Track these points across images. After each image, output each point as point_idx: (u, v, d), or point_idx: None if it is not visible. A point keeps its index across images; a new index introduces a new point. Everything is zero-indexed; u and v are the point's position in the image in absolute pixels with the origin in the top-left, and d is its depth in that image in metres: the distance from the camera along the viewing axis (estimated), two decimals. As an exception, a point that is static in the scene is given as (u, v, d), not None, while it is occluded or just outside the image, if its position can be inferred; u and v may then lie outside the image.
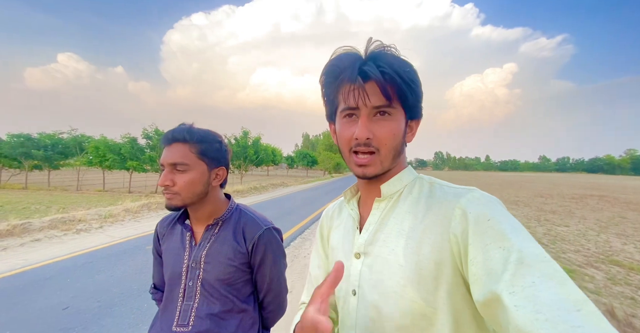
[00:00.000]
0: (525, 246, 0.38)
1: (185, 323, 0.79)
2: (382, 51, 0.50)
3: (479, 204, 0.45)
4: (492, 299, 0.37)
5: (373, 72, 0.48)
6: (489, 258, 0.39)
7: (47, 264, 3.80)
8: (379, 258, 0.52)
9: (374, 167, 0.51)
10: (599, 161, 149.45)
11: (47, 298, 2.84)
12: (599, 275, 3.86)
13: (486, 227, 0.42)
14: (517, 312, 0.33)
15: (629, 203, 12.57)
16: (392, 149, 0.52)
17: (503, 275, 0.37)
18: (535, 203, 11.58)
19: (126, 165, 15.93)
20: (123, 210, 7.43)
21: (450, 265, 0.45)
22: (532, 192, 17.08)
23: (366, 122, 0.50)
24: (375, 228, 0.54)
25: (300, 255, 4.49)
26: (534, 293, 0.34)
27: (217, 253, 0.82)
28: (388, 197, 0.55)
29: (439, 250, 0.46)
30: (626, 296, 3.22)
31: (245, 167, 20.82)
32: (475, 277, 0.41)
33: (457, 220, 0.45)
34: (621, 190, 21.52)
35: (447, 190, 0.51)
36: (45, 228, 5.50)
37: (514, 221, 0.43)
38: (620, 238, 5.97)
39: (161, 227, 0.92)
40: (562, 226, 7.08)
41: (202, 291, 0.81)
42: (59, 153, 17.82)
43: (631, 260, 4.56)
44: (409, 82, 0.49)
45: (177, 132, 0.78)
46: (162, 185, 0.76)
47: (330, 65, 0.53)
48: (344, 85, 0.51)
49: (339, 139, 0.55)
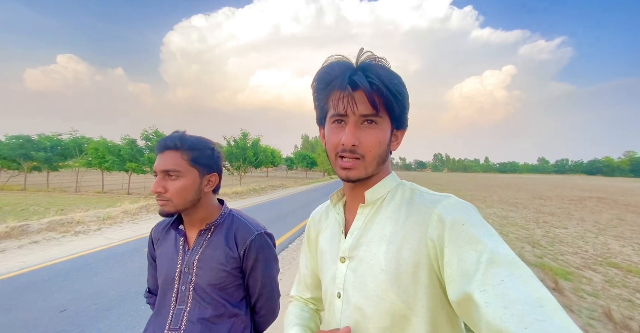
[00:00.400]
0: (496, 248, 0.41)
1: (177, 327, 0.79)
2: (372, 62, 0.52)
3: (454, 210, 0.48)
4: (465, 298, 0.40)
5: (362, 82, 0.50)
6: (463, 260, 0.42)
7: (44, 266, 3.80)
8: (363, 262, 0.54)
9: (357, 171, 0.53)
10: (597, 163, 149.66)
11: (45, 301, 2.83)
12: (597, 277, 3.86)
13: (460, 231, 0.45)
14: (487, 308, 0.36)
15: (628, 205, 12.60)
16: (377, 156, 0.54)
17: (475, 275, 0.40)
18: (534, 205, 11.59)
19: (125, 166, 15.92)
20: (121, 212, 7.41)
21: (427, 268, 0.48)
22: (530, 194, 17.10)
23: (353, 129, 0.52)
24: (359, 233, 0.57)
25: (298, 257, 4.49)
26: (502, 291, 0.37)
27: (209, 258, 0.82)
28: (372, 203, 0.58)
29: (417, 254, 0.48)
30: (624, 298, 3.23)
31: (244, 168, 20.81)
32: (450, 278, 0.43)
33: (434, 226, 0.48)
34: (620, 192, 21.56)
35: (426, 197, 0.54)
36: (43, 230, 5.49)
37: (487, 226, 0.46)
38: (618, 241, 5.98)
39: (156, 231, 0.94)
40: (561, 228, 7.09)
41: (194, 295, 0.81)
42: (59, 154, 17.81)
43: (629, 262, 4.57)
44: (395, 94, 0.51)
45: (169, 140, 0.80)
46: (154, 192, 0.77)
47: (322, 72, 0.55)
48: (334, 92, 0.53)
49: (327, 144, 0.57)
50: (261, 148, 23.03)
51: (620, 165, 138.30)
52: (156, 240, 0.92)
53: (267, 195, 14.11)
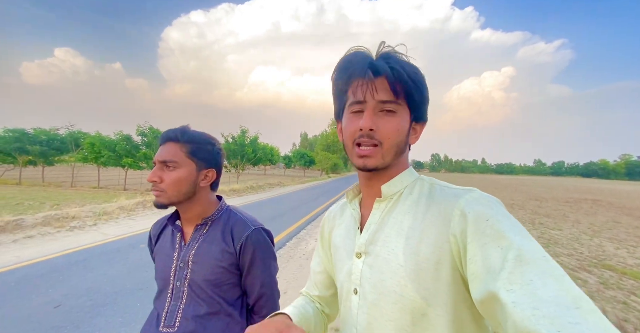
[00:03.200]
0: (524, 244, 0.39)
1: (171, 324, 0.78)
2: (393, 52, 0.53)
3: (478, 204, 0.46)
4: (491, 297, 0.37)
5: (382, 68, 0.50)
6: (488, 257, 0.40)
7: (39, 261, 3.76)
8: (380, 257, 0.52)
9: (374, 159, 0.52)
10: (593, 165, 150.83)
11: (39, 296, 2.80)
12: (592, 279, 3.89)
13: (485, 226, 0.42)
14: (514, 308, 0.33)
15: (623, 207, 12.72)
16: (395, 144, 0.52)
17: (501, 273, 0.37)
18: (530, 207, 11.67)
19: (121, 162, 15.80)
20: (118, 208, 7.36)
21: (450, 264, 0.46)
22: (527, 195, 17.22)
23: (372, 114, 0.51)
24: (375, 228, 0.55)
25: (295, 255, 4.48)
26: (532, 291, 0.34)
27: (205, 253, 0.82)
28: (388, 198, 0.56)
29: (438, 249, 0.46)
30: (618, 300, 3.25)
31: (242, 166, 20.74)
32: (473, 275, 0.41)
33: (457, 221, 0.46)
34: (615, 194, 21.77)
35: (447, 191, 0.51)
36: (38, 225, 5.44)
37: (513, 220, 0.43)
38: (613, 243, 6.03)
39: (154, 228, 0.93)
40: (556, 229, 7.14)
41: (189, 292, 0.81)
42: (55, 149, 17.64)
43: (624, 264, 4.61)
44: (416, 82, 0.51)
45: (171, 132, 0.81)
46: (150, 181, 0.78)
47: (342, 61, 0.54)
48: (354, 80, 0.53)
49: (344, 132, 0.56)
50: (260, 146, 22.96)
51: (615, 168, 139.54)
52: (155, 236, 0.91)
53: (265, 193, 14.08)
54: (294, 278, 3.51)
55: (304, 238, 5.60)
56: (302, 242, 5.32)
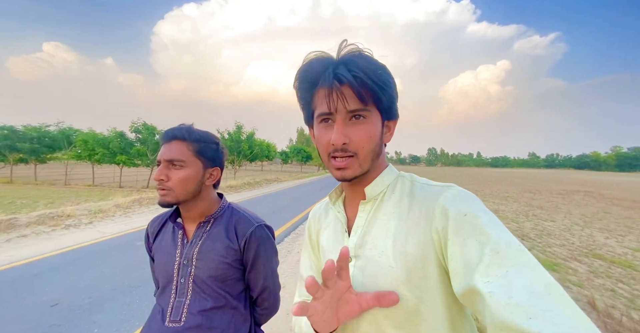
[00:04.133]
0: (500, 237, 0.40)
1: (177, 319, 0.80)
2: (354, 55, 0.50)
3: (457, 200, 0.47)
4: (470, 290, 0.39)
5: (345, 76, 0.47)
6: (467, 252, 0.41)
7: (35, 260, 3.73)
8: (370, 260, 0.52)
9: (352, 169, 0.52)
10: (585, 158, 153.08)
11: (36, 295, 2.80)
12: (582, 268, 4.00)
13: (463, 222, 0.44)
14: (491, 298, 0.35)
15: (613, 198, 12.99)
16: (370, 151, 0.52)
17: (479, 266, 0.39)
18: (524, 199, 11.85)
19: (115, 159, 15.62)
20: (114, 206, 7.31)
21: (435, 261, 0.47)
22: (521, 188, 17.47)
23: (342, 127, 0.50)
24: (363, 231, 0.55)
25: (293, 250, 4.52)
26: (507, 281, 0.35)
27: (209, 250, 0.83)
28: (372, 199, 0.56)
29: (423, 248, 0.48)
30: (607, 288, 3.35)
31: (238, 162, 20.64)
32: (455, 270, 0.43)
33: (438, 218, 0.47)
34: (606, 186, 22.19)
35: (427, 189, 0.52)
36: (32, 224, 5.38)
37: (490, 215, 0.45)
38: (603, 233, 6.18)
39: (152, 226, 0.93)
40: (549, 221, 7.28)
41: (194, 288, 0.82)
42: (46, 146, 17.33)
43: (613, 253, 4.73)
44: (381, 85, 0.49)
45: (177, 130, 0.81)
46: (157, 180, 0.77)
47: (302, 70, 0.52)
48: (318, 91, 0.51)
49: (318, 145, 0.55)
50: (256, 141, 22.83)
51: (607, 160, 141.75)
52: (152, 234, 0.91)
53: (262, 189, 14.07)
54: (293, 273, 3.55)
55: (302, 233, 5.63)
56: (300, 237, 5.36)
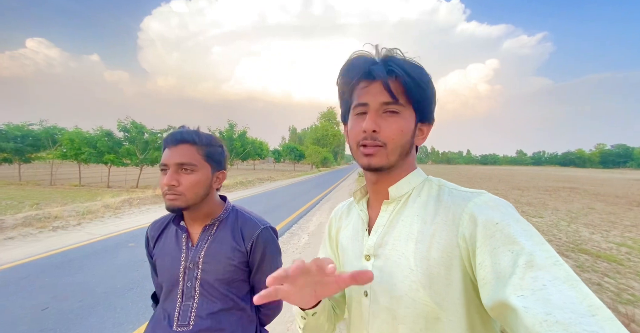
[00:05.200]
0: (535, 249, 0.38)
1: (185, 323, 0.80)
2: (394, 54, 0.54)
3: (487, 208, 0.45)
4: (501, 303, 0.37)
5: (382, 70, 0.51)
6: (497, 262, 0.39)
7: (22, 263, 3.62)
8: (390, 261, 0.52)
9: (379, 157, 0.52)
10: (571, 155, 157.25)
11: (24, 299, 2.72)
12: (569, 262, 4.13)
13: (494, 230, 0.42)
14: (526, 313, 0.33)
15: (597, 194, 13.44)
16: (400, 145, 0.52)
17: (511, 279, 0.37)
18: (513, 196, 12.14)
19: (103, 159, 15.22)
20: (102, 207, 7.13)
21: (460, 269, 0.46)
22: (509, 185, 17.88)
23: (374, 116, 0.52)
24: (384, 231, 0.55)
25: (288, 250, 4.51)
26: (544, 296, 0.33)
27: (217, 253, 0.83)
28: (396, 200, 0.56)
29: (448, 254, 0.46)
30: (593, 282, 3.47)
31: (231, 161, 20.45)
32: (484, 281, 0.41)
33: (465, 225, 0.45)
34: (590, 182, 22.92)
35: (456, 194, 0.51)
36: (19, 226, 5.21)
37: (525, 224, 0.42)
38: (588, 228, 6.39)
39: (152, 230, 0.91)
40: (537, 217, 7.48)
41: (201, 291, 0.82)
42: (30, 145, 16.76)
43: (598, 248, 4.90)
44: (418, 82, 0.51)
45: (186, 134, 0.80)
46: (168, 185, 0.76)
47: (345, 65, 0.56)
48: (357, 84, 0.54)
49: (349, 134, 0.57)
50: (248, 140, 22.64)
51: (591, 157, 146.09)
52: (153, 238, 0.90)
53: (255, 189, 13.98)
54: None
55: (296, 233, 5.63)
56: (294, 236, 5.36)
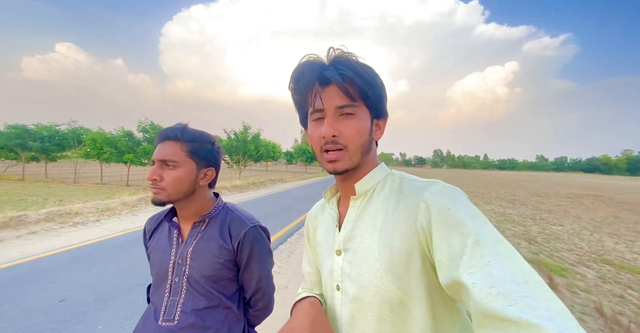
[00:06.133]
0: (480, 229, 0.42)
1: (171, 318, 0.80)
2: (342, 57, 0.54)
3: (440, 196, 0.49)
4: (455, 282, 0.41)
5: (333, 74, 0.52)
6: (450, 245, 0.43)
7: (43, 257, 3.81)
8: (357, 253, 0.55)
9: (343, 162, 0.54)
10: (595, 161, 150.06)
11: (43, 291, 2.85)
12: (590, 273, 3.92)
13: (447, 216, 0.45)
14: (474, 288, 0.37)
15: (623, 203, 12.71)
16: (360, 145, 0.55)
17: (462, 259, 0.41)
18: (532, 203, 11.67)
19: (123, 158, 15.86)
20: (120, 204, 7.42)
21: (419, 254, 0.49)
22: (528, 191, 17.19)
23: (331, 121, 0.54)
24: (352, 225, 0.58)
25: (296, 251, 4.52)
26: (489, 271, 0.37)
27: (203, 249, 0.83)
28: (362, 195, 0.58)
29: (408, 241, 0.49)
30: (615, 294, 3.28)
31: (244, 162, 20.77)
32: (440, 263, 0.44)
33: (422, 213, 0.49)
34: (616, 190, 21.71)
35: (414, 185, 0.54)
36: (41, 221, 5.50)
37: (472, 208, 0.47)
38: (612, 238, 6.05)
39: (149, 223, 0.94)
40: (557, 225, 7.15)
41: (187, 287, 0.82)
42: (56, 145, 17.72)
43: (622, 259, 4.63)
44: (368, 82, 0.53)
45: (170, 131, 0.81)
46: (149, 179, 0.79)
47: (296, 72, 0.56)
48: (309, 90, 0.55)
49: (311, 141, 0.59)
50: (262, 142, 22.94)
51: (617, 164, 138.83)
52: (149, 232, 0.92)
53: (267, 189, 14.13)
54: (295, 274, 3.55)
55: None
56: (303, 237, 5.36)
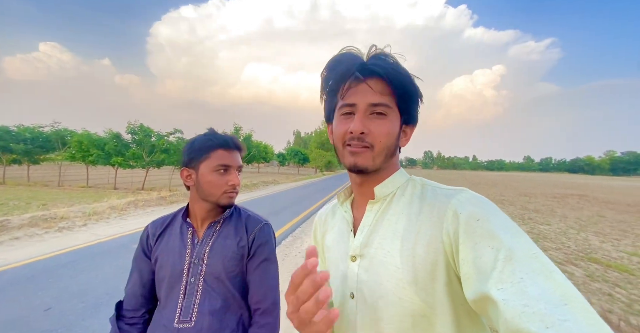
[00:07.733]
0: (514, 243, 0.39)
1: (187, 319, 0.80)
2: (384, 55, 0.52)
3: (469, 204, 0.46)
4: (483, 297, 0.38)
5: (374, 69, 0.50)
6: (479, 257, 0.40)
7: (27, 263, 3.66)
8: (375, 260, 0.51)
9: (365, 158, 0.52)
10: (579, 161, 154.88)
11: (28, 299, 2.74)
12: (578, 272, 4.02)
13: (475, 226, 0.43)
14: (505, 306, 0.34)
15: (607, 202, 13.14)
16: (386, 147, 0.52)
17: (492, 273, 0.38)
18: (520, 202, 11.94)
19: (111, 161, 15.44)
20: (108, 208, 7.21)
21: (444, 265, 0.46)
22: (516, 191, 17.60)
23: (362, 117, 0.51)
24: (369, 230, 0.55)
25: (291, 253, 4.49)
26: (521, 289, 0.35)
27: (221, 247, 0.86)
28: (381, 199, 0.56)
29: (433, 251, 0.47)
30: (604, 292, 3.37)
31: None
32: (466, 276, 0.42)
33: (449, 221, 0.46)
34: (600, 189, 22.47)
35: (438, 192, 0.52)
36: (25, 226, 5.29)
37: (504, 219, 0.43)
38: (598, 237, 6.23)
39: (153, 227, 0.92)
40: (545, 224, 7.34)
41: (204, 287, 0.83)
42: (40, 147, 17.12)
43: (608, 257, 4.77)
44: (407, 84, 0.51)
45: (237, 141, 0.93)
46: (237, 184, 0.88)
47: (332, 60, 0.54)
48: (343, 82, 0.52)
49: (334, 134, 0.56)
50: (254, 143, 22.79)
51: (600, 164, 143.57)
52: (154, 235, 0.91)
53: (259, 192, 14.00)
54: (289, 277, 3.52)
55: (299, 236, 5.60)
56: (297, 240, 5.33)
